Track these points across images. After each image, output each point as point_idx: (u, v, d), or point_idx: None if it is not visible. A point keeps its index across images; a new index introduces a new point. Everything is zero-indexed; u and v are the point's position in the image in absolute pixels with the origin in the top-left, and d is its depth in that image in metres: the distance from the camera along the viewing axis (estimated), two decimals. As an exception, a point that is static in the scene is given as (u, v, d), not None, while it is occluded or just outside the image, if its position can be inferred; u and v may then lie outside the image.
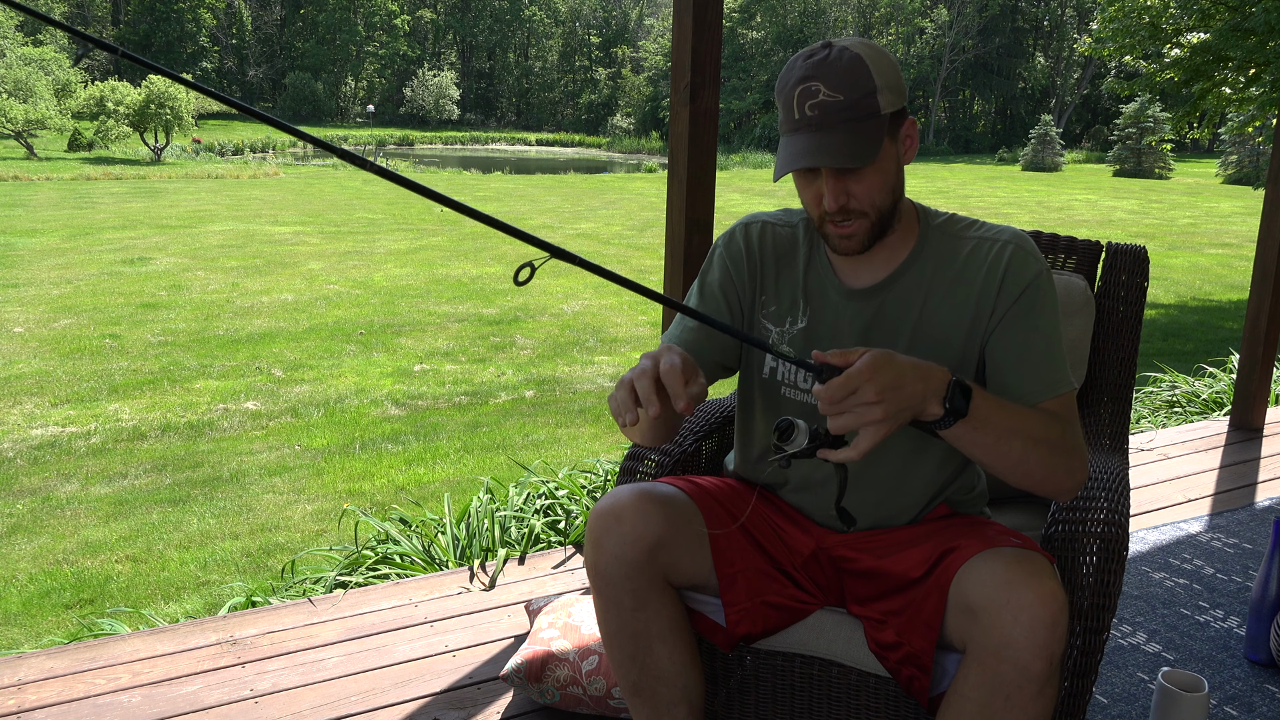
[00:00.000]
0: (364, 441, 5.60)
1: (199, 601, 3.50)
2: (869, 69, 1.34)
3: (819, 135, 1.32)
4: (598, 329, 8.68)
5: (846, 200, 1.37)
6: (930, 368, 1.23)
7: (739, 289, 1.55)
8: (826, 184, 1.36)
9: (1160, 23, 10.78)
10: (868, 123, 1.33)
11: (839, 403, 1.17)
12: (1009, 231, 1.48)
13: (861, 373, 1.16)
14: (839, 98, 1.32)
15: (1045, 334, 1.43)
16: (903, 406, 1.19)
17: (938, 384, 1.23)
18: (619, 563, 1.43)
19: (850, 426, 1.18)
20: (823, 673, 1.53)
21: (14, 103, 29.40)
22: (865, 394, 1.16)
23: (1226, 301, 10.66)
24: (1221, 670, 2.29)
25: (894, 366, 1.19)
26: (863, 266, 1.49)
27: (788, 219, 1.57)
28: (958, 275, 1.46)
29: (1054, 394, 1.40)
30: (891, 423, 1.19)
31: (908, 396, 1.19)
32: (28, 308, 8.98)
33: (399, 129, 57.22)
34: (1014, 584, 1.27)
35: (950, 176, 33.34)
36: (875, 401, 1.16)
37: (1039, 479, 1.34)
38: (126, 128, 29.63)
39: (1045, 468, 1.33)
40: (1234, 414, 4.15)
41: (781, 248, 1.55)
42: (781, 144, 1.38)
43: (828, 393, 1.17)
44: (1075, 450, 1.37)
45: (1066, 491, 1.38)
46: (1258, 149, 27.57)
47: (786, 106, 1.36)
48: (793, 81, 1.35)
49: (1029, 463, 1.31)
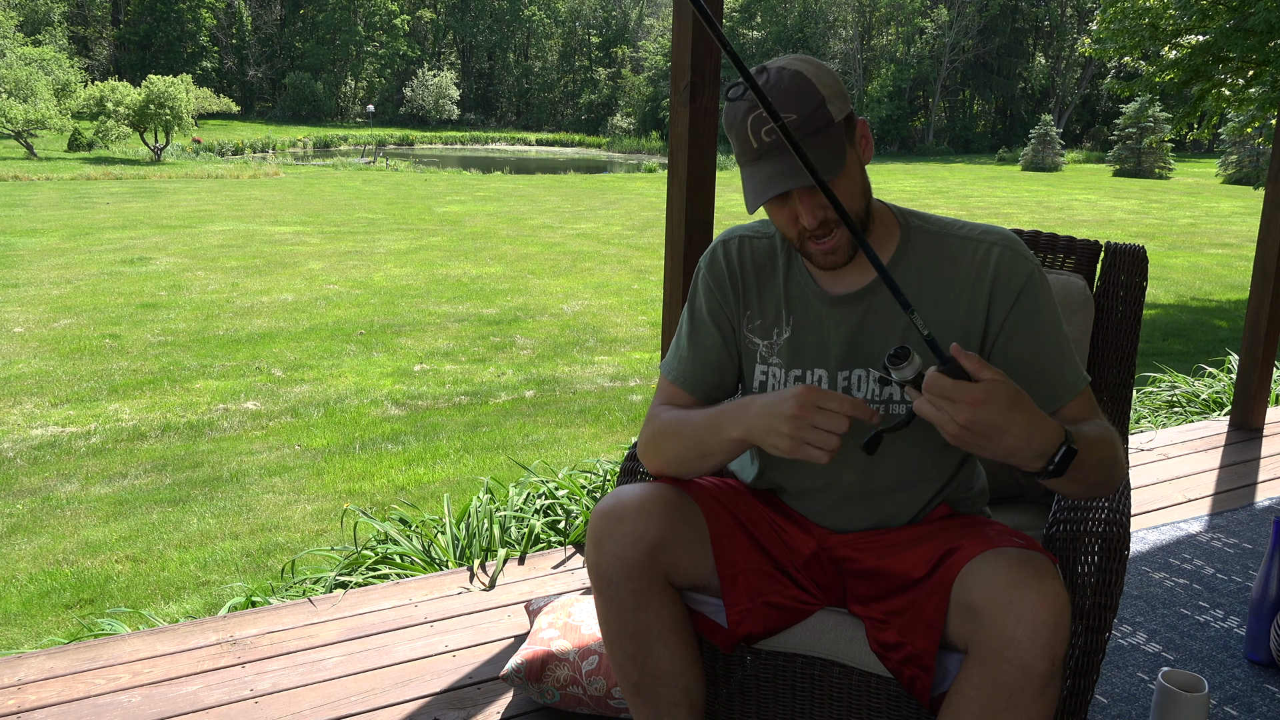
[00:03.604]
0: (364, 441, 5.60)
1: (199, 601, 3.50)
2: (812, 83, 1.33)
3: (782, 158, 1.32)
4: (598, 329, 8.68)
5: (824, 214, 1.36)
6: (1045, 427, 1.21)
7: (726, 311, 1.55)
8: (801, 203, 1.35)
9: (1160, 23, 10.78)
10: (825, 133, 1.33)
11: (935, 399, 1.19)
12: (995, 232, 1.47)
13: (970, 394, 1.17)
14: (792, 117, 1.31)
15: (1052, 333, 1.43)
16: (987, 445, 1.20)
17: (1044, 444, 1.21)
18: (620, 563, 1.43)
19: (929, 417, 1.20)
20: (824, 673, 1.53)
21: (14, 103, 29.40)
22: (958, 412, 1.17)
23: (1226, 301, 10.66)
24: (1221, 670, 2.29)
25: (1005, 412, 1.18)
26: (844, 272, 1.48)
27: (765, 230, 1.56)
28: (945, 278, 1.45)
29: (1076, 394, 1.42)
30: (967, 446, 1.21)
31: (998, 444, 1.19)
32: (28, 308, 8.98)
33: (399, 129, 57.21)
34: (1016, 584, 1.27)
35: (950, 176, 33.34)
36: (961, 424, 1.17)
37: (1100, 489, 1.37)
38: (126, 128, 29.63)
39: (1109, 479, 1.36)
40: (1234, 414, 4.15)
41: (761, 260, 1.54)
42: (745, 176, 1.37)
43: (933, 383, 1.18)
44: (1121, 451, 1.40)
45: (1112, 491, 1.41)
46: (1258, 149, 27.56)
47: (741, 138, 1.35)
48: (740, 113, 1.34)
49: (1101, 482, 1.34)
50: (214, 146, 35.28)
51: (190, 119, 30.84)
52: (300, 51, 63.40)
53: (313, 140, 45.79)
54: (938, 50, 57.75)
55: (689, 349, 1.57)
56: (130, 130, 29.94)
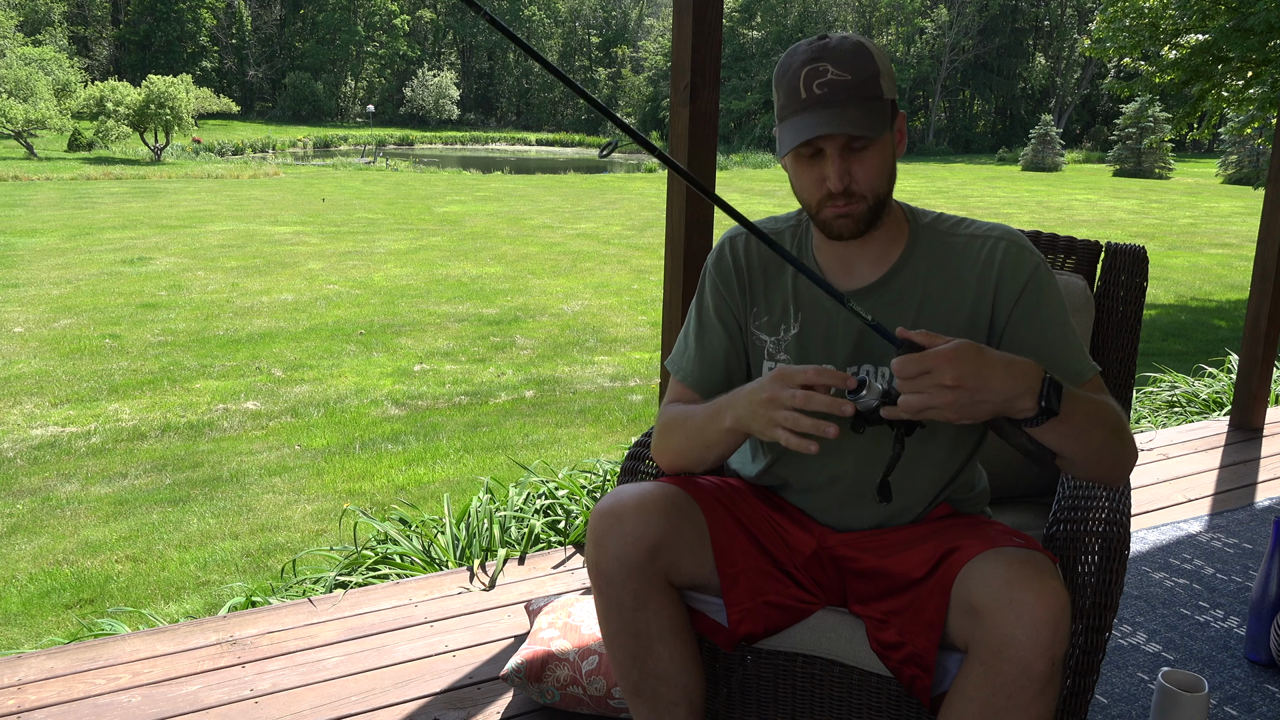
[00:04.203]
0: (364, 441, 5.60)
1: (199, 601, 3.50)
2: (871, 54, 1.37)
3: (830, 110, 1.34)
4: (598, 329, 8.68)
5: (850, 181, 1.37)
6: (1023, 365, 1.23)
7: (733, 309, 1.56)
8: (832, 163, 1.36)
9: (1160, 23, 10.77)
10: (874, 102, 1.36)
11: (913, 379, 1.17)
12: (1000, 228, 1.48)
13: (940, 355, 1.16)
14: (847, 77, 1.34)
15: (1058, 324, 1.44)
16: (981, 399, 1.19)
17: (1031, 381, 1.22)
18: (620, 563, 1.42)
19: (919, 406, 1.18)
20: (824, 672, 1.53)
21: (14, 103, 29.42)
22: (941, 376, 1.16)
23: (1226, 301, 10.66)
24: (1221, 670, 2.29)
25: (979, 358, 1.19)
26: (853, 269, 1.48)
27: (773, 227, 1.57)
28: (952, 275, 1.46)
29: (1084, 380, 1.42)
30: (965, 413, 1.19)
31: (990, 391, 1.19)
32: (28, 308, 8.98)
33: (399, 129, 57.23)
34: (1017, 584, 1.27)
35: (950, 176, 33.34)
36: (950, 386, 1.16)
37: (1110, 465, 1.36)
38: (126, 128, 29.64)
39: (1116, 453, 1.35)
40: (1234, 414, 4.15)
41: (768, 256, 1.55)
42: (785, 126, 1.38)
43: (901, 366, 1.17)
44: (1129, 430, 1.40)
45: (1125, 474, 1.39)
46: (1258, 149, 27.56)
47: (792, 88, 1.37)
48: (798, 64, 1.37)
49: (1106, 449, 1.33)
50: (214, 146, 35.29)
51: (190, 119, 30.86)
52: (300, 51, 63.40)
53: (313, 140, 45.80)
54: (938, 50, 57.75)
55: (696, 348, 1.58)
56: (130, 130, 29.94)
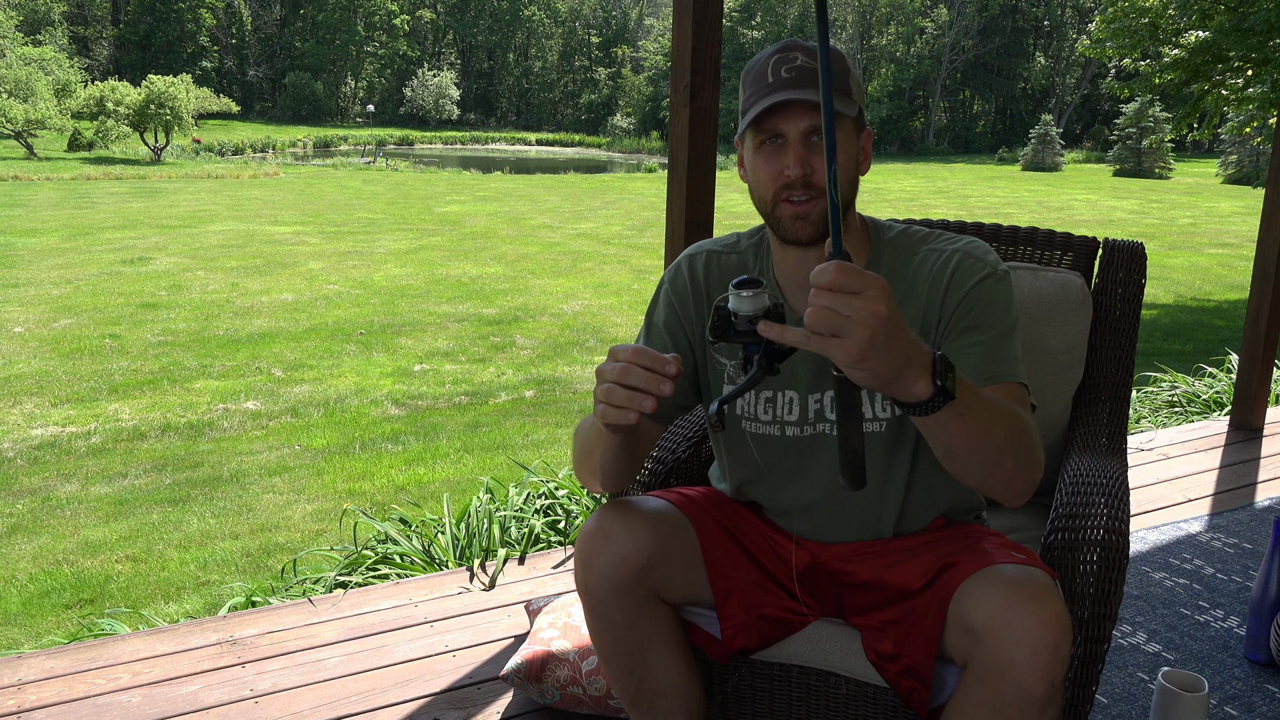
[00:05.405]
0: (364, 441, 5.60)
1: (199, 601, 3.50)
2: (844, 58, 1.38)
3: (798, 89, 1.33)
4: (598, 329, 8.68)
5: (810, 172, 1.34)
6: (919, 341, 1.08)
7: (686, 326, 1.51)
8: (794, 151, 1.34)
9: (1160, 22, 10.78)
10: (844, 95, 1.36)
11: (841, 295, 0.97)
12: (963, 240, 1.44)
13: (876, 283, 0.98)
14: (816, 65, 1.33)
15: (994, 327, 1.36)
16: (892, 349, 1.00)
17: (925, 357, 1.06)
18: (609, 584, 1.39)
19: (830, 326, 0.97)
20: (820, 683, 1.51)
21: (14, 103, 29.40)
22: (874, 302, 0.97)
23: (1226, 301, 10.66)
24: (1221, 670, 2.29)
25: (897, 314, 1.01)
26: None
27: (734, 246, 1.54)
28: (908, 289, 1.43)
29: (995, 381, 1.32)
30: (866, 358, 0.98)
31: (900, 343, 1.01)
32: (28, 308, 8.98)
33: (399, 129, 57.23)
34: (1016, 606, 1.23)
35: (950, 176, 33.33)
36: (873, 315, 0.97)
37: (1010, 474, 1.23)
38: (126, 128, 29.63)
39: (1018, 458, 1.22)
40: (1234, 414, 4.15)
41: (729, 276, 1.49)
42: (750, 110, 1.36)
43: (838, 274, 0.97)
44: (1037, 439, 1.28)
45: (1026, 491, 1.27)
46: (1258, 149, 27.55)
47: (759, 77, 1.36)
48: (766, 56, 1.38)
49: (1007, 452, 1.20)
50: (214, 146, 35.29)
51: (190, 119, 30.85)
52: (300, 51, 63.38)
53: (313, 140, 45.80)
54: (938, 50, 57.73)
55: None
56: (130, 130, 29.94)
